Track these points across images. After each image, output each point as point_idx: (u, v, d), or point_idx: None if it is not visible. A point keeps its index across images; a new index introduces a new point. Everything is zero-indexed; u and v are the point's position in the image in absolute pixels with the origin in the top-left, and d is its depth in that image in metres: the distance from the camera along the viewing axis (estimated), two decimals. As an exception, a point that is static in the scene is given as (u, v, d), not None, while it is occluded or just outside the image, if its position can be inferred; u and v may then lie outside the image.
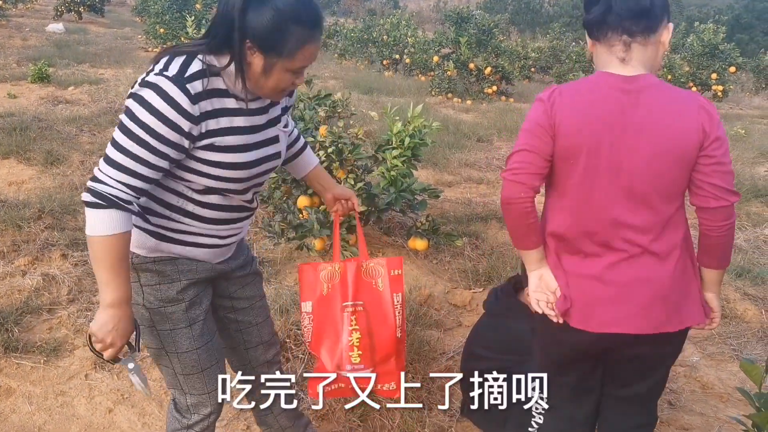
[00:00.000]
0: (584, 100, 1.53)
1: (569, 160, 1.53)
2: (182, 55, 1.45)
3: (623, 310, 1.58)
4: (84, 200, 1.40)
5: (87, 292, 3.34)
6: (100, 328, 1.44)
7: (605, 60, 1.58)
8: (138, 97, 1.40)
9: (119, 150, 1.40)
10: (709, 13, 28.18)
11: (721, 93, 12.78)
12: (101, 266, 1.41)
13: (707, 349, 3.27)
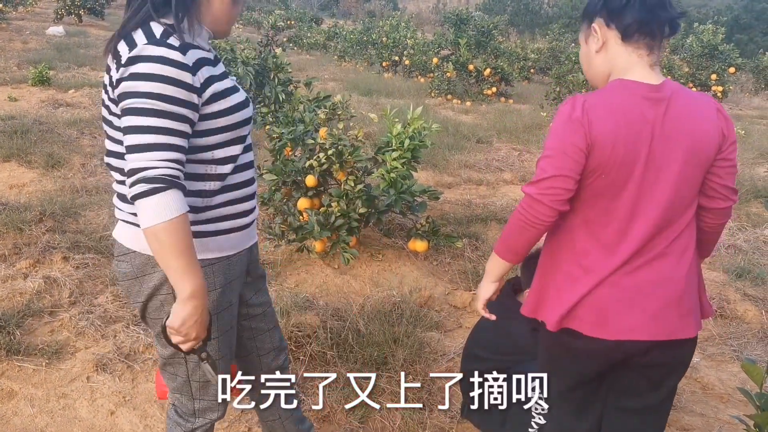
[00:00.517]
0: (618, 115, 1.47)
1: (599, 174, 1.49)
2: (137, 29, 1.42)
3: (638, 316, 1.55)
4: (137, 192, 1.32)
5: (88, 295, 3.34)
6: (183, 324, 1.39)
7: (628, 63, 1.53)
8: (132, 75, 1.36)
9: (143, 132, 1.34)
10: (708, 14, 28.22)
11: (720, 94, 12.79)
12: (174, 254, 1.34)
13: (707, 349, 3.28)
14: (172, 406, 1.78)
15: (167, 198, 1.33)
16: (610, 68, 1.56)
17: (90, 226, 4.22)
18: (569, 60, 10.38)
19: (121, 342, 2.94)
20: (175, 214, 1.33)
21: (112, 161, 1.53)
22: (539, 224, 1.52)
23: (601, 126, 1.45)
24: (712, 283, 3.95)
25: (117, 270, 1.59)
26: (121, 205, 1.54)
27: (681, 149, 1.49)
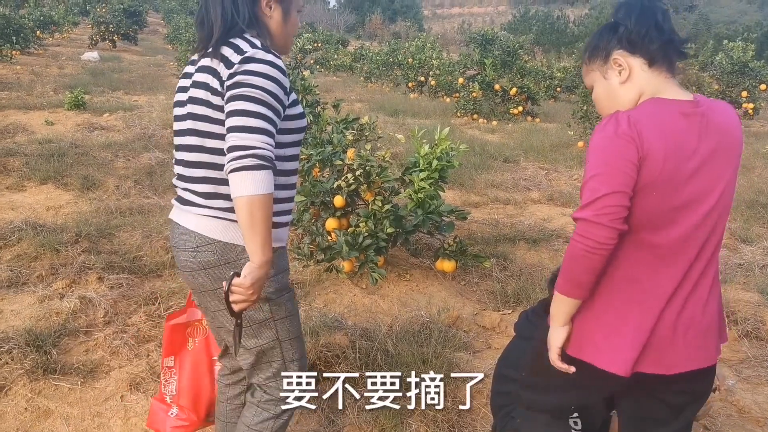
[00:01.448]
0: (664, 128, 1.44)
1: (650, 191, 1.44)
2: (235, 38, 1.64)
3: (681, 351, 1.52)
4: (244, 165, 1.50)
5: (122, 315, 3.41)
6: (254, 283, 1.55)
7: (658, 86, 1.53)
8: (247, 71, 1.56)
9: (255, 117, 1.54)
10: (738, 31, 27.86)
11: (751, 111, 12.60)
12: (263, 224, 1.53)
13: (743, 372, 3.20)
14: (259, 391, 1.90)
15: (269, 176, 1.53)
16: (638, 95, 1.55)
17: (124, 247, 4.31)
18: (596, 78, 10.34)
19: (154, 361, 2.99)
20: (270, 190, 1.53)
21: (205, 157, 1.68)
22: (602, 249, 1.42)
23: (652, 138, 1.41)
24: (746, 304, 3.86)
25: (197, 260, 1.71)
26: (204, 202, 1.70)
27: (726, 161, 1.50)
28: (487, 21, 71.71)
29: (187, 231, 1.71)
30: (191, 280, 1.78)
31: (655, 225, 1.47)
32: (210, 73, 1.64)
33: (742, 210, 5.96)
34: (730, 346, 3.48)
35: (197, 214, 1.70)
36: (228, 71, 1.58)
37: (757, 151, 9.38)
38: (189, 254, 1.73)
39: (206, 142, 1.67)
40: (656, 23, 1.52)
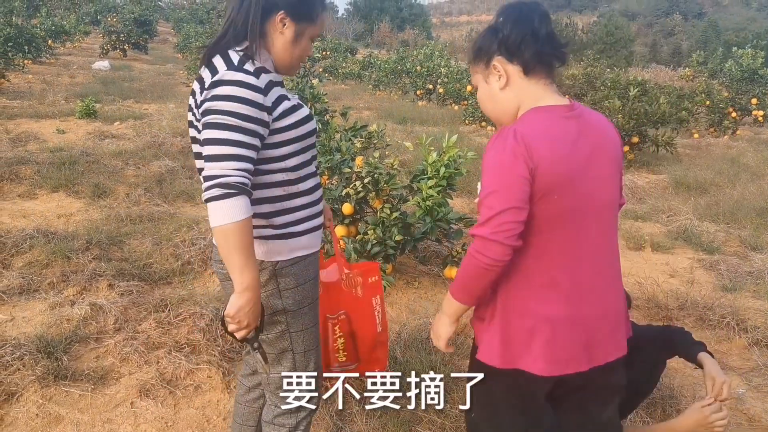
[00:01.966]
0: (549, 135, 1.49)
1: (549, 196, 1.48)
2: (215, 55, 1.65)
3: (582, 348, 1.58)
4: (211, 196, 1.52)
5: (132, 322, 3.43)
6: (238, 312, 1.58)
7: (537, 94, 1.57)
8: (214, 96, 1.56)
9: (221, 144, 1.55)
10: (747, 38, 27.76)
11: (761, 118, 12.53)
12: (237, 252, 1.54)
13: (753, 380, 3.18)
14: (272, 408, 1.92)
15: (238, 202, 1.53)
16: (518, 102, 1.58)
17: (134, 254, 4.34)
18: (605, 86, 10.33)
19: (164, 368, 3.00)
20: (242, 216, 1.53)
21: None
22: (497, 265, 1.47)
23: (540, 148, 1.45)
24: (756, 312, 3.84)
25: (223, 272, 1.77)
26: None
27: (608, 158, 1.58)
28: (495, 29, 71.50)
29: (214, 244, 1.74)
30: (224, 288, 1.85)
31: (561, 225, 1.51)
32: (193, 96, 1.68)
33: (751, 217, 5.93)
34: (739, 354, 3.46)
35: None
36: (201, 96, 1.60)
37: (767, 159, 9.33)
38: (217, 266, 1.82)
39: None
40: (533, 30, 1.54)
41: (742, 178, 7.85)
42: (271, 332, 1.81)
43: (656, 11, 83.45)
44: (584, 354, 1.56)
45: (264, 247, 1.74)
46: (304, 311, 1.84)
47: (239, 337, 1.63)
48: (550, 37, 1.55)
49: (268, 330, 1.81)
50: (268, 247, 1.74)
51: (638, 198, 7.06)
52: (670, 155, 9.13)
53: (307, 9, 1.69)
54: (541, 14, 1.55)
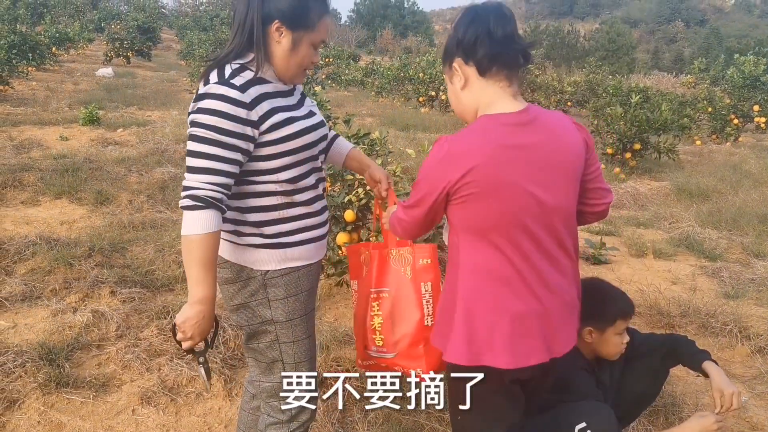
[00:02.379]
0: (486, 144, 1.50)
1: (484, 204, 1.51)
2: (215, 68, 1.66)
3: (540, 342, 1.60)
4: (182, 205, 1.56)
5: (134, 329, 3.43)
6: (184, 322, 1.60)
7: (492, 97, 1.57)
8: (198, 109, 1.59)
9: (197, 156, 1.58)
10: (750, 45, 27.78)
11: (764, 125, 12.53)
12: (195, 264, 1.57)
13: (756, 388, 3.17)
14: (265, 416, 1.90)
15: (205, 216, 1.55)
16: (476, 103, 1.60)
17: (136, 261, 4.35)
18: (606, 93, 10.34)
19: (165, 375, 3.00)
20: (207, 230, 1.55)
21: None
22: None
23: (476, 155, 1.48)
24: (759, 319, 3.83)
25: (219, 276, 1.75)
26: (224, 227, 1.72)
27: (559, 165, 1.56)
28: (497, 36, 71.70)
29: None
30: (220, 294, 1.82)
31: (510, 226, 1.53)
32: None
33: (754, 224, 5.92)
34: (742, 362, 3.45)
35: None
36: (190, 108, 1.64)
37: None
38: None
39: None
40: (487, 31, 1.52)
41: (745, 185, 7.84)
42: (261, 341, 1.82)
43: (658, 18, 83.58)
44: (544, 345, 1.59)
45: (254, 256, 1.73)
46: (295, 323, 1.81)
47: (184, 347, 1.64)
48: (507, 38, 1.53)
49: (258, 339, 1.82)
50: (258, 255, 1.73)
51: (640, 205, 7.05)
52: (672, 162, 9.13)
53: (303, 16, 1.66)
54: (498, 15, 1.54)
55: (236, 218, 1.73)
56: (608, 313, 2.17)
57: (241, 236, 1.73)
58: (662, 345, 2.35)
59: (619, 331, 2.19)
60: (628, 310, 2.20)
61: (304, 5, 1.65)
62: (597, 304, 2.15)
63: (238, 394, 2.94)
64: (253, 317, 1.79)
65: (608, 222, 6.10)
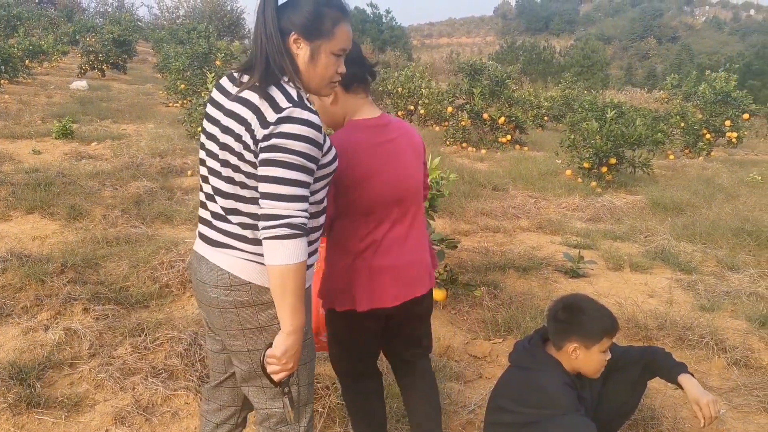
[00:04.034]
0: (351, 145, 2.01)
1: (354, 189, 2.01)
2: (271, 86, 1.62)
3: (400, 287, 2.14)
4: (279, 234, 1.53)
5: (108, 347, 3.35)
6: (285, 353, 1.60)
7: (355, 106, 2.10)
8: (283, 133, 1.55)
9: (289, 184, 1.55)
10: (720, 61, 28.46)
11: (735, 139, 12.79)
12: (291, 293, 1.56)
13: (733, 400, 3.20)
14: None
15: (301, 244, 1.56)
16: (344, 113, 2.10)
17: (110, 278, 4.26)
18: (582, 108, 10.47)
19: (140, 394, 2.93)
20: (302, 259, 1.56)
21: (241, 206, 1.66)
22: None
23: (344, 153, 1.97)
24: (735, 331, 3.87)
25: (229, 299, 1.69)
26: (241, 245, 1.68)
27: (409, 155, 2.14)
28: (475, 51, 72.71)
29: (218, 269, 1.69)
30: (218, 317, 1.74)
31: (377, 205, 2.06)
32: (249, 111, 1.60)
33: (727, 238, 6.01)
34: (719, 375, 3.48)
35: (233, 256, 1.68)
36: (263, 131, 1.56)
37: (742, 179, 9.51)
38: (221, 291, 1.70)
39: (239, 191, 1.65)
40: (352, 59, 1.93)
41: (718, 199, 7.98)
42: None
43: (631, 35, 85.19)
44: (400, 291, 2.13)
45: None
46: (308, 342, 1.80)
47: (278, 379, 1.64)
48: (359, 60, 2.04)
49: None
50: None
51: (617, 218, 7.13)
52: (647, 176, 9.27)
53: (317, 25, 1.65)
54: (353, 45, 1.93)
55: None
56: (595, 331, 2.17)
57: None
58: (640, 358, 2.37)
59: (604, 349, 2.19)
60: (613, 328, 2.21)
61: (317, 13, 1.65)
62: (583, 321, 2.16)
63: (215, 412, 2.88)
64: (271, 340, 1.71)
65: (586, 235, 6.15)
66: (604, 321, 2.19)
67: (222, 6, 36.39)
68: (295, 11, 1.65)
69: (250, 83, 1.63)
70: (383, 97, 17.31)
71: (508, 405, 2.21)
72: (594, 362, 2.20)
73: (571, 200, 7.77)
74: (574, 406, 2.11)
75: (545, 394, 2.14)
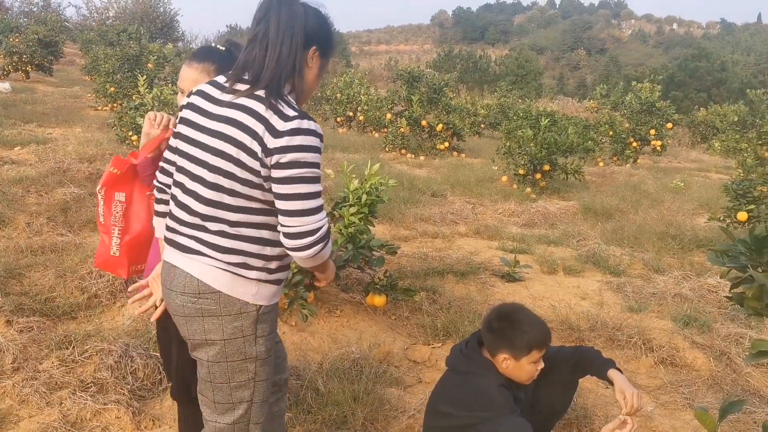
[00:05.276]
0: None
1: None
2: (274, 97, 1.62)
3: None
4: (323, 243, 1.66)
5: (32, 360, 3.19)
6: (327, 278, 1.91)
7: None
8: (299, 147, 1.59)
9: (314, 198, 1.63)
10: (645, 72, 29.81)
11: (659, 147, 13.42)
12: (328, 265, 1.85)
13: (660, 398, 3.33)
14: None
15: (330, 246, 1.72)
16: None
17: (35, 288, 4.06)
18: (517, 116, 10.75)
19: (68, 410, 2.80)
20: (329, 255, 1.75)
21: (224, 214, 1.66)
22: None
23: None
24: (661, 331, 4.05)
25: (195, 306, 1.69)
26: (215, 254, 1.67)
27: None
28: (413, 58, 73.61)
29: (188, 275, 1.69)
30: (183, 324, 1.74)
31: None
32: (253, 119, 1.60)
33: (653, 241, 6.29)
34: (647, 373, 3.62)
35: (205, 264, 1.68)
36: (276, 142, 1.57)
37: (666, 186, 9.98)
38: (188, 299, 1.69)
39: (227, 198, 1.64)
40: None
41: (644, 205, 8.34)
42: (235, 380, 1.75)
43: (562, 46, 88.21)
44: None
45: (254, 290, 1.71)
46: (270, 360, 1.80)
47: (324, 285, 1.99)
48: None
49: (233, 377, 1.75)
50: (259, 290, 1.71)
51: (550, 223, 7.34)
52: (579, 182, 9.59)
53: (332, 46, 1.76)
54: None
55: (247, 250, 1.68)
56: (524, 344, 2.21)
57: (249, 269, 1.69)
58: (571, 357, 2.44)
59: (534, 360, 2.23)
60: (544, 341, 2.25)
61: (332, 33, 1.77)
62: (514, 335, 2.21)
63: (147, 426, 2.79)
64: (233, 354, 1.71)
65: (521, 240, 6.30)
66: (535, 335, 2.22)
67: (155, 8, 35.36)
68: (318, 24, 1.71)
69: (250, 91, 1.63)
70: (322, 103, 17.29)
71: (447, 409, 2.23)
72: (524, 372, 2.25)
73: (507, 206, 7.95)
74: (511, 407, 2.15)
75: (482, 397, 2.17)
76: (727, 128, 17.66)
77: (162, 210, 1.88)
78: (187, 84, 2.02)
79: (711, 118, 19.01)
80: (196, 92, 1.75)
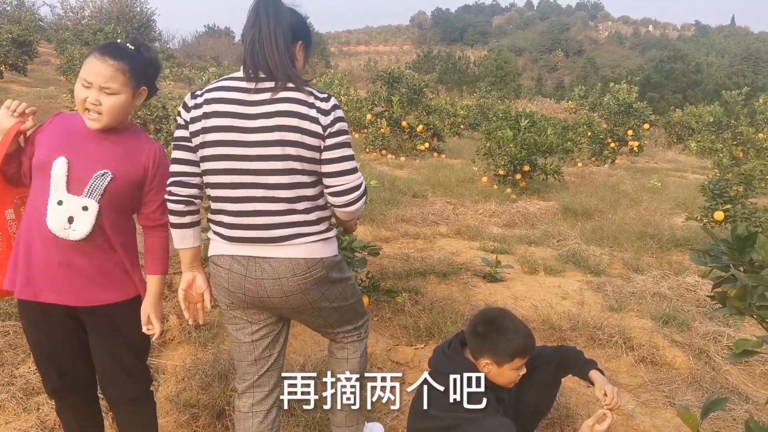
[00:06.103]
0: None
1: None
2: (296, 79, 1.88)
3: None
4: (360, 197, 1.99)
5: (8, 365, 3.13)
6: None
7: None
8: (341, 117, 1.92)
9: (353, 158, 1.96)
10: (622, 74, 30.20)
11: (636, 148, 13.59)
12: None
13: (641, 396, 3.37)
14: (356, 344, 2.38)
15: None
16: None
17: (11, 291, 3.98)
18: (497, 117, 10.82)
19: (45, 415, 2.75)
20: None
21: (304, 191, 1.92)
22: None
23: None
24: (641, 330, 4.09)
25: (308, 280, 1.95)
26: (311, 229, 1.95)
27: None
28: (392, 59, 73.64)
29: (292, 260, 1.91)
30: (299, 299, 1.98)
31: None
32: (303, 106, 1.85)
33: (632, 241, 6.36)
34: (627, 372, 3.66)
35: (303, 243, 1.92)
36: (326, 119, 1.87)
37: (643, 186, 10.11)
38: (300, 278, 1.93)
39: (302, 178, 1.88)
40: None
41: (622, 204, 8.43)
42: (353, 297, 2.18)
43: (540, 48, 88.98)
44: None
45: (335, 244, 2.04)
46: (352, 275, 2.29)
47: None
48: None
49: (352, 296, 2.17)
50: (335, 243, 2.04)
51: (531, 224, 7.39)
52: (558, 183, 9.68)
53: (312, 40, 2.03)
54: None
55: (324, 216, 1.99)
56: (506, 352, 2.21)
57: (329, 230, 2.00)
58: (553, 357, 2.45)
59: (516, 367, 2.24)
60: (528, 349, 2.26)
61: (310, 29, 2.02)
62: (498, 341, 2.21)
63: None
64: (346, 287, 2.12)
65: (502, 240, 6.33)
66: (519, 343, 2.22)
67: (131, 7, 34.96)
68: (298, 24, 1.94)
69: (282, 85, 1.85)
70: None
71: (431, 411, 2.23)
72: (505, 378, 2.25)
73: (487, 206, 7.99)
74: (494, 407, 2.16)
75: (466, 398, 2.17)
76: (702, 129, 17.96)
77: (187, 221, 1.98)
78: (98, 80, 1.91)
79: (687, 119, 19.31)
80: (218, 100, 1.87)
